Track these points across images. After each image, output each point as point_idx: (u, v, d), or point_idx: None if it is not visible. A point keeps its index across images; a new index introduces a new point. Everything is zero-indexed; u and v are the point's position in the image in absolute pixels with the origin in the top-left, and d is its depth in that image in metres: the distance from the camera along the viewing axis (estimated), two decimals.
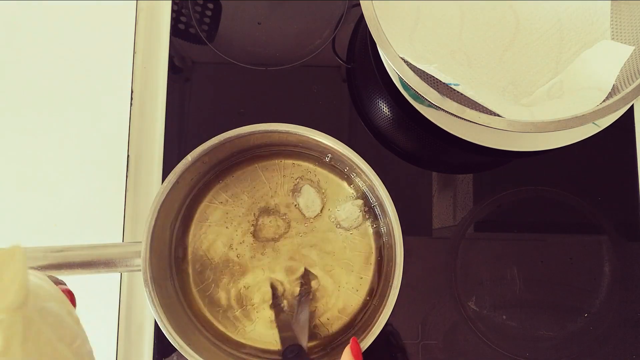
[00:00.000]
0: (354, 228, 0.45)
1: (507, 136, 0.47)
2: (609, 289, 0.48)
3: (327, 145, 0.41)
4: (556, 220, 0.50)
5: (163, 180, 0.41)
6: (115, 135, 0.50)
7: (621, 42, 0.43)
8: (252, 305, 0.44)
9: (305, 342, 0.38)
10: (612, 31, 0.44)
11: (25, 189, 0.50)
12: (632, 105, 0.50)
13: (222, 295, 0.44)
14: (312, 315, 0.43)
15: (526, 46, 0.48)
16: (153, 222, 0.39)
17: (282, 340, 0.40)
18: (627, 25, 0.44)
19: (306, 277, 0.43)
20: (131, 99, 0.51)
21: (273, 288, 0.43)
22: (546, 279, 0.48)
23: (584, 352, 0.47)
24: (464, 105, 0.38)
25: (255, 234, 0.45)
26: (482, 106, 0.39)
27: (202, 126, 0.51)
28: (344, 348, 0.36)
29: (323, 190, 0.46)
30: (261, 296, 0.44)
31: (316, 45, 0.53)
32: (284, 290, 0.44)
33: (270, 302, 0.43)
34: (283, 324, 0.41)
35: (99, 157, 0.50)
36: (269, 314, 0.43)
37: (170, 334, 0.38)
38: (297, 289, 0.44)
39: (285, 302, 0.43)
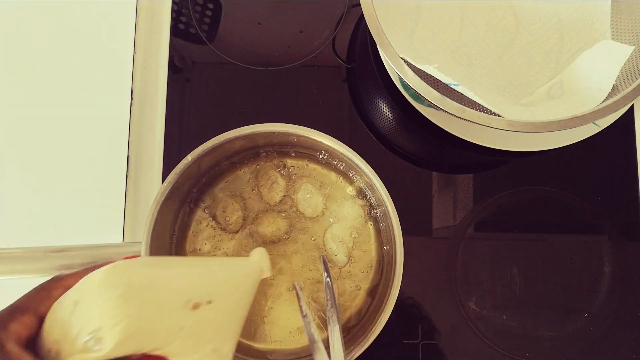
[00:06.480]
0: (355, 228, 0.45)
1: (507, 136, 0.47)
2: (609, 289, 0.48)
3: (327, 145, 0.41)
4: (556, 220, 0.50)
5: (163, 180, 0.41)
6: (115, 135, 0.50)
7: (621, 42, 0.43)
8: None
9: None
10: (612, 31, 0.45)
11: (25, 189, 0.50)
12: (632, 105, 0.50)
13: None
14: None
15: (526, 46, 0.48)
16: (153, 222, 0.39)
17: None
18: (627, 25, 0.44)
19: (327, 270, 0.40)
20: (131, 99, 0.51)
21: (297, 294, 0.40)
22: (546, 279, 0.48)
23: (584, 352, 0.47)
24: (464, 105, 0.38)
25: (255, 235, 0.45)
26: (482, 106, 0.39)
27: (202, 126, 0.51)
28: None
29: (323, 190, 0.46)
30: (261, 296, 0.44)
31: (316, 45, 0.53)
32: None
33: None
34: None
35: (99, 157, 0.50)
36: (269, 314, 0.43)
37: None
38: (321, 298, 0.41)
39: (310, 311, 0.39)
